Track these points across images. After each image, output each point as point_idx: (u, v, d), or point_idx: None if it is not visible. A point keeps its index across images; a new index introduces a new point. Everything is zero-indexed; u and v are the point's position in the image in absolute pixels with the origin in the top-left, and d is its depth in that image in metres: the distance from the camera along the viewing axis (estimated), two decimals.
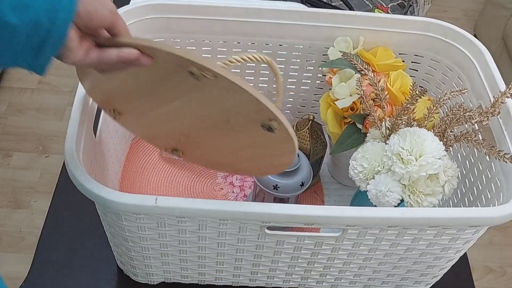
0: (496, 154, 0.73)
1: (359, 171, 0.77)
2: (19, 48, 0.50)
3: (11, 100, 2.07)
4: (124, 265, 0.83)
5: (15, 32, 0.49)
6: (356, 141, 0.83)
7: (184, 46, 0.93)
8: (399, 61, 0.90)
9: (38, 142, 1.94)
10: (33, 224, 1.69)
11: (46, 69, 0.53)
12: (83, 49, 0.54)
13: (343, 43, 0.91)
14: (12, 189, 1.79)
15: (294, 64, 0.96)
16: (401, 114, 0.76)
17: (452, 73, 0.92)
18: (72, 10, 0.51)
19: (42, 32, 0.50)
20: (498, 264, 1.78)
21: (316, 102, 1.00)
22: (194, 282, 0.84)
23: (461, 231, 0.71)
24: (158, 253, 0.76)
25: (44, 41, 0.51)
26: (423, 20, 0.92)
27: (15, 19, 0.48)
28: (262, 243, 0.72)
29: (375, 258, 0.76)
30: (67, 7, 0.51)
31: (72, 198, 0.92)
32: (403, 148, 0.73)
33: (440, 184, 0.74)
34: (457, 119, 0.75)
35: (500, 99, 0.74)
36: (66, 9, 0.51)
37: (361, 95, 0.78)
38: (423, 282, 0.85)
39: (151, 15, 0.88)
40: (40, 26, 0.50)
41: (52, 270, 0.85)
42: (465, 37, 0.89)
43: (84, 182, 0.64)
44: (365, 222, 0.68)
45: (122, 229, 0.71)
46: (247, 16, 0.89)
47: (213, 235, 0.71)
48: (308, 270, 0.79)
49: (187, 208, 0.64)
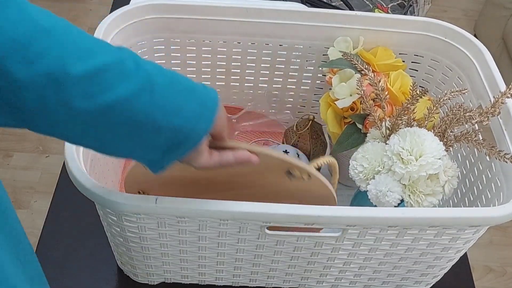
0: (496, 154, 0.73)
1: (359, 171, 0.77)
2: (150, 146, 0.52)
3: None
4: (124, 265, 0.83)
5: (159, 133, 0.51)
6: (356, 141, 0.83)
7: (184, 46, 0.93)
8: (399, 61, 0.90)
9: (38, 142, 1.94)
10: (33, 224, 1.69)
11: (165, 169, 0.55)
12: (207, 152, 0.57)
13: (343, 43, 0.91)
14: (12, 189, 1.79)
15: (294, 64, 0.96)
16: (401, 114, 0.76)
17: (452, 73, 0.92)
18: (212, 120, 0.54)
19: (180, 137, 0.52)
20: (498, 264, 1.78)
21: (316, 102, 1.00)
22: (194, 282, 0.84)
23: (461, 231, 0.71)
24: (158, 253, 0.75)
25: (178, 144, 0.53)
26: (423, 20, 0.92)
27: (164, 122, 0.50)
28: (262, 243, 0.72)
29: (375, 258, 0.76)
30: (209, 116, 0.54)
31: (72, 198, 0.92)
32: (403, 148, 0.73)
33: (440, 184, 0.74)
34: (457, 119, 0.75)
35: (500, 99, 0.74)
36: (208, 118, 0.54)
37: (361, 95, 0.78)
38: (423, 282, 0.85)
39: (151, 15, 0.88)
40: (180, 131, 0.52)
41: (52, 270, 0.85)
42: (465, 37, 0.89)
43: (84, 182, 0.64)
44: (365, 222, 0.68)
45: (122, 229, 0.71)
46: (247, 16, 0.89)
47: (213, 235, 0.71)
48: (308, 270, 0.79)
49: (187, 208, 0.64)
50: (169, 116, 0.50)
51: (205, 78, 0.98)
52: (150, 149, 0.52)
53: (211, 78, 0.98)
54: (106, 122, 0.47)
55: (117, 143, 0.51)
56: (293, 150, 0.86)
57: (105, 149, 0.52)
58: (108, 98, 0.46)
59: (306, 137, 0.91)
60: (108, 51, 0.47)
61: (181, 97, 0.51)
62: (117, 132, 0.49)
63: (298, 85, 1.00)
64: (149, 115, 0.49)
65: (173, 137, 0.52)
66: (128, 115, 0.48)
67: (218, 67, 0.97)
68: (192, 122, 0.52)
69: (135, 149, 0.52)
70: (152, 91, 0.49)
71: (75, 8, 2.46)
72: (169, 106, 0.50)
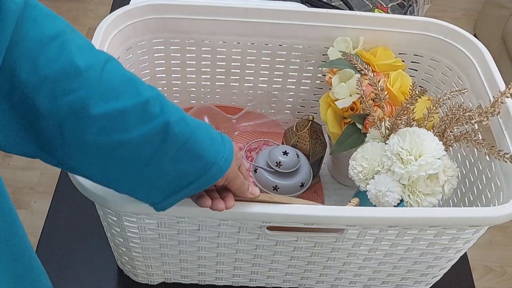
0: (496, 154, 0.73)
1: (359, 171, 0.77)
2: (154, 187, 0.54)
3: None
4: (124, 265, 0.83)
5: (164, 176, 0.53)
6: (356, 141, 0.83)
7: (184, 46, 0.93)
8: (398, 61, 0.90)
9: None
10: (33, 224, 1.69)
11: (166, 208, 0.57)
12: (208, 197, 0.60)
13: (342, 43, 0.91)
14: (12, 189, 1.79)
15: (294, 64, 0.96)
16: (400, 114, 0.76)
17: (452, 73, 0.92)
18: (225, 171, 0.55)
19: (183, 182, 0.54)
20: (498, 264, 1.78)
21: (316, 102, 1.01)
22: (194, 282, 0.84)
23: (461, 231, 0.71)
24: (158, 253, 0.75)
25: (180, 189, 0.55)
26: (423, 20, 0.92)
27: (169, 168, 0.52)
28: (261, 243, 0.72)
29: (375, 258, 0.76)
30: (223, 167, 0.55)
31: (72, 198, 0.92)
32: (402, 148, 0.73)
33: (440, 184, 0.74)
34: (457, 119, 0.75)
35: (499, 99, 0.74)
36: (221, 169, 0.55)
37: (361, 95, 0.78)
38: (423, 282, 0.85)
39: (151, 15, 0.88)
40: (185, 178, 0.54)
41: (52, 270, 0.85)
42: (465, 36, 0.89)
43: (84, 182, 0.64)
44: (365, 222, 0.68)
45: (122, 230, 0.71)
46: (247, 16, 0.89)
47: (213, 235, 0.71)
48: (308, 270, 0.79)
49: (187, 208, 0.64)
50: (175, 163, 0.52)
51: (205, 78, 0.98)
52: (153, 190, 0.54)
53: (211, 78, 0.98)
54: (114, 156, 0.49)
55: (123, 179, 0.52)
56: (293, 150, 0.86)
57: (110, 184, 0.54)
58: (121, 137, 0.48)
59: (306, 138, 0.91)
60: (135, 93, 0.49)
61: (191, 154, 0.53)
62: (124, 168, 0.51)
63: (298, 85, 1.00)
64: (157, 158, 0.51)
65: (176, 182, 0.54)
66: (137, 153, 0.50)
67: (218, 67, 0.97)
68: (198, 174, 0.54)
69: (138, 188, 0.54)
70: (165, 140, 0.50)
71: (75, 8, 2.46)
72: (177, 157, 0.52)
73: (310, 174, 0.87)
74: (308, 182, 0.86)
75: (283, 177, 0.85)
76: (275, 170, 0.84)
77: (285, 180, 0.84)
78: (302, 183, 0.85)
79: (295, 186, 0.85)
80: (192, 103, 1.02)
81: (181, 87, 1.00)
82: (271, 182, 0.84)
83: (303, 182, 0.85)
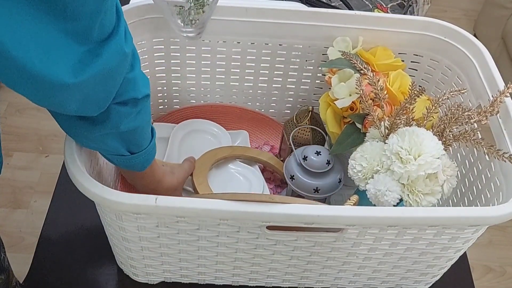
0: (495, 154, 0.73)
1: (358, 170, 0.77)
2: None
3: (11, 100, 2.07)
4: (124, 265, 0.83)
5: None
6: (355, 141, 0.83)
7: (184, 46, 0.93)
8: (398, 61, 0.90)
9: (38, 142, 1.94)
10: (33, 224, 1.69)
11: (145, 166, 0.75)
12: None
13: (342, 43, 0.91)
14: (12, 189, 1.79)
15: (294, 64, 0.96)
16: (400, 114, 0.77)
17: (452, 72, 0.92)
18: None
19: None
20: (498, 264, 1.78)
21: (315, 102, 1.00)
22: (193, 281, 0.84)
23: (461, 231, 0.71)
24: (158, 252, 0.76)
25: None
26: (423, 19, 0.92)
27: None
28: (261, 243, 0.72)
29: (374, 258, 0.76)
30: None
31: (72, 198, 0.92)
32: (402, 148, 0.73)
33: (439, 184, 0.74)
34: (456, 119, 0.75)
35: (499, 98, 0.74)
36: None
37: (360, 94, 0.78)
38: (423, 282, 0.85)
39: (151, 15, 0.88)
40: None
41: (52, 270, 0.85)
42: (465, 36, 0.89)
43: (84, 182, 0.64)
44: (365, 222, 0.68)
45: (122, 229, 0.71)
46: (247, 16, 0.89)
47: (213, 235, 0.71)
48: (308, 269, 0.79)
49: (186, 208, 0.64)
50: None
51: (205, 78, 0.98)
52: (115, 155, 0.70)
53: (211, 78, 0.98)
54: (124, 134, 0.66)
55: None
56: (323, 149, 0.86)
57: None
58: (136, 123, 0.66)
59: (307, 128, 0.91)
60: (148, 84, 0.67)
61: None
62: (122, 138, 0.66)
63: (298, 84, 1.00)
64: None
65: None
66: None
67: (218, 67, 0.97)
68: None
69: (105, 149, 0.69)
70: None
71: None
72: None
73: (342, 167, 0.87)
74: (344, 176, 0.86)
75: (320, 178, 0.85)
76: (313, 172, 0.85)
77: (324, 179, 0.85)
78: (340, 178, 0.86)
79: (334, 183, 0.85)
80: (192, 102, 1.03)
81: (181, 86, 1.00)
82: (311, 184, 0.85)
83: (340, 178, 0.86)
